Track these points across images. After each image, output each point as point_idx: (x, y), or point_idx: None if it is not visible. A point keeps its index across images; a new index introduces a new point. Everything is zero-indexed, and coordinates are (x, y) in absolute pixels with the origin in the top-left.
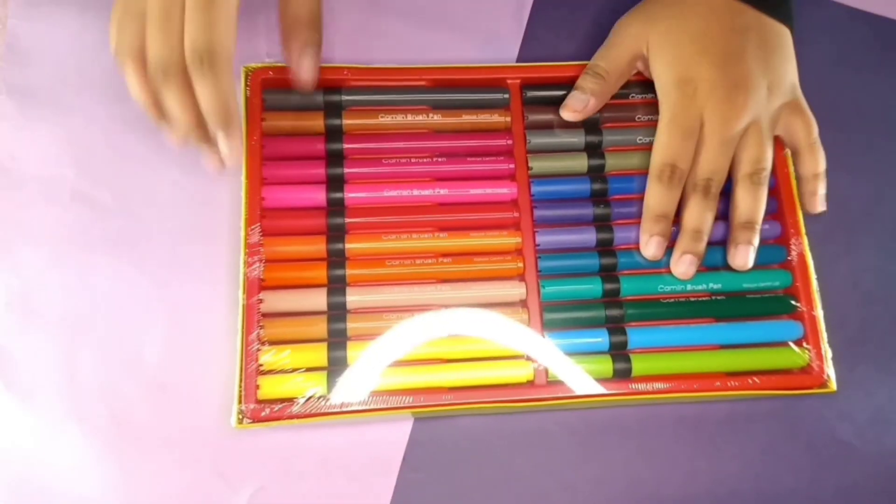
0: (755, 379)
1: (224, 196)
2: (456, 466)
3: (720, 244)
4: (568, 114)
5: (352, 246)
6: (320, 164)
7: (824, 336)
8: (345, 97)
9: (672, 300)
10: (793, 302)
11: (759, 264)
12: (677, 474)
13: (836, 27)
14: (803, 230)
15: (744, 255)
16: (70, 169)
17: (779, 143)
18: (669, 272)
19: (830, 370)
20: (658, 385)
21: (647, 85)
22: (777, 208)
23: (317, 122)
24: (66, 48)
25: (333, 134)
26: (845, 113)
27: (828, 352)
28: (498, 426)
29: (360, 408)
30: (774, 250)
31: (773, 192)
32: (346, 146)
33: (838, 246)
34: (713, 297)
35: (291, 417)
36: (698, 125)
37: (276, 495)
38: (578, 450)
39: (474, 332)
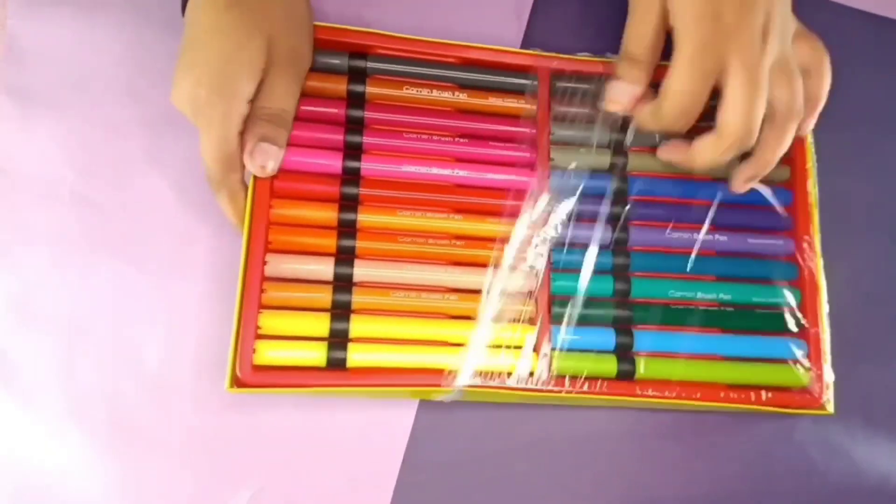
0: (755, 394)
1: None
2: (457, 468)
3: (732, 254)
4: (614, 105)
5: (364, 217)
6: (339, 130)
7: (828, 358)
8: (370, 64)
9: (681, 306)
10: (798, 321)
11: (771, 280)
12: (676, 477)
13: (835, 27)
14: (818, 249)
15: (743, 187)
16: (69, 170)
17: (800, 155)
18: (682, 277)
19: (830, 394)
20: (653, 391)
21: None
22: (792, 225)
23: (339, 87)
24: (65, 48)
25: (355, 100)
26: (845, 113)
27: (830, 375)
28: (498, 427)
29: (358, 382)
30: (786, 267)
31: (789, 210)
32: (367, 114)
33: (838, 246)
34: (721, 308)
35: (285, 386)
36: (718, 68)
37: (276, 495)
38: (578, 452)
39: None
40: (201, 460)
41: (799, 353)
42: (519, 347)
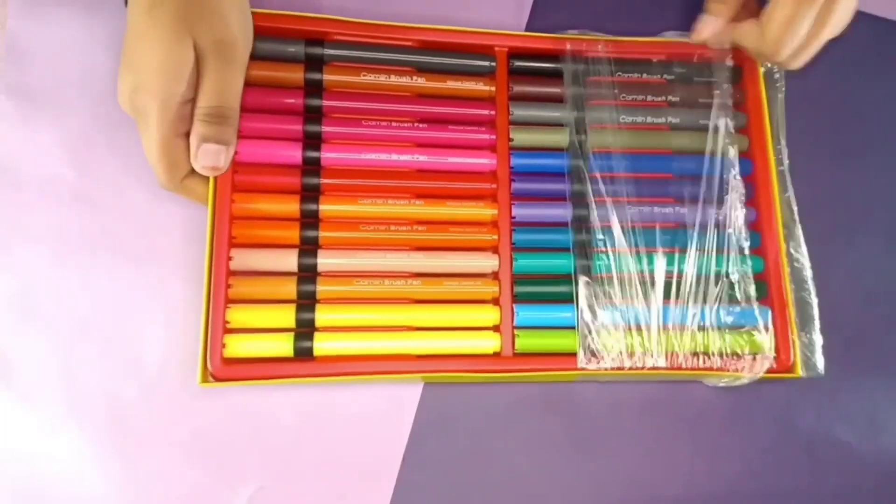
0: (719, 360)
1: None
2: (457, 468)
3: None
4: (696, 36)
5: (326, 207)
6: (298, 120)
7: (794, 321)
8: (327, 51)
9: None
10: (762, 290)
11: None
12: (677, 474)
13: None
14: (779, 217)
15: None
16: (70, 169)
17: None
18: (643, 251)
19: (797, 356)
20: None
21: (633, 64)
22: (754, 193)
23: (296, 75)
24: (66, 48)
25: (313, 89)
26: (844, 113)
27: (797, 340)
28: (498, 427)
29: (329, 372)
30: (749, 235)
31: (749, 179)
32: (325, 103)
33: (837, 245)
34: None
35: (258, 378)
36: None
37: (276, 495)
38: (578, 450)
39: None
40: (201, 460)
41: (762, 320)
42: (483, 328)
